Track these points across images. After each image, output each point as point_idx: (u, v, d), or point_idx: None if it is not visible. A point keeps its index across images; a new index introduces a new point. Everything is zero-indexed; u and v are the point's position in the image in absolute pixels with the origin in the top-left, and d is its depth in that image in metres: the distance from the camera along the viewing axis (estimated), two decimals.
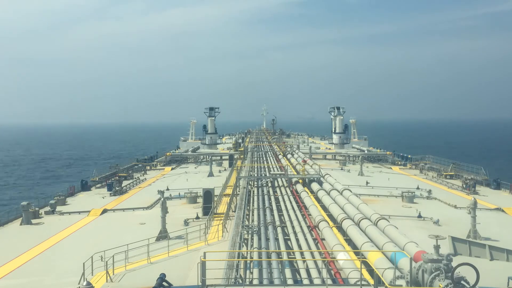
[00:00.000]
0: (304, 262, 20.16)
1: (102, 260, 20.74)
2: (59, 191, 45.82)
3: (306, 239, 23.88)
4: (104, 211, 36.45)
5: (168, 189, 43.86)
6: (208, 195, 34.08)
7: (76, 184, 51.00)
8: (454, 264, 13.94)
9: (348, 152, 79.40)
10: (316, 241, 23.94)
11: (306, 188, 37.05)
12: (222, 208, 34.06)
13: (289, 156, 63.57)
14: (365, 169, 57.20)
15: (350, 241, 23.07)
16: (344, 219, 25.38)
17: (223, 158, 73.94)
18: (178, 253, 24.07)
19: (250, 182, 42.83)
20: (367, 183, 47.05)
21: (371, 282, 15.45)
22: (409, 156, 73.55)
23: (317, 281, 17.56)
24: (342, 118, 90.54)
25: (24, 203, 33.74)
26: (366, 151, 79.49)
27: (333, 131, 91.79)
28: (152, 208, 37.04)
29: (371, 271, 17.13)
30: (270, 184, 40.74)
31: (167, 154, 79.41)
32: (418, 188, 44.64)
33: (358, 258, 18.35)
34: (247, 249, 23.05)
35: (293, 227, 26.11)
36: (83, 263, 19.68)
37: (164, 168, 67.91)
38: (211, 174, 55.62)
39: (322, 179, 39.48)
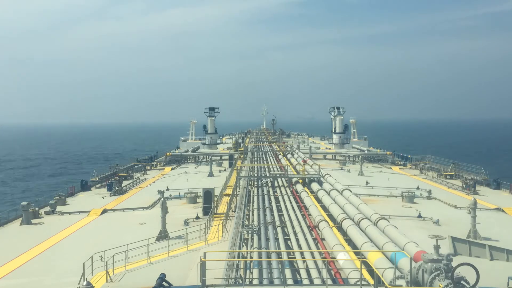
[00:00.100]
0: (304, 262, 20.15)
1: (102, 260, 20.73)
2: (59, 191, 45.87)
3: (306, 239, 23.87)
4: (104, 211, 36.46)
5: (168, 189, 43.86)
6: (208, 195, 34.09)
7: (76, 184, 50.94)
8: (454, 264, 13.94)
9: (348, 152, 79.39)
10: (316, 241, 23.94)
11: (306, 188, 37.05)
12: (222, 208, 34.06)
13: (289, 156, 63.56)
14: (365, 169, 57.20)
15: (350, 241, 23.07)
16: (344, 219, 25.38)
17: (223, 158, 73.94)
18: (178, 253, 24.06)
19: (250, 182, 42.83)
20: (367, 183, 47.04)
21: (371, 282, 15.45)
22: (409, 156, 73.53)
23: (317, 281, 17.57)
24: (342, 118, 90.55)
25: (24, 203, 33.75)
26: (366, 151, 79.46)
27: (333, 131, 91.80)
28: (152, 208, 37.04)
29: (371, 271, 17.13)
30: (270, 184, 40.73)
31: (167, 154, 79.41)
32: (418, 188, 44.64)
33: (358, 258, 18.35)
34: (247, 249, 23.03)
35: (293, 227, 26.11)
36: (83, 263, 19.68)
37: (164, 168, 67.92)
38: (211, 174, 55.63)
39: (322, 179, 39.48)
